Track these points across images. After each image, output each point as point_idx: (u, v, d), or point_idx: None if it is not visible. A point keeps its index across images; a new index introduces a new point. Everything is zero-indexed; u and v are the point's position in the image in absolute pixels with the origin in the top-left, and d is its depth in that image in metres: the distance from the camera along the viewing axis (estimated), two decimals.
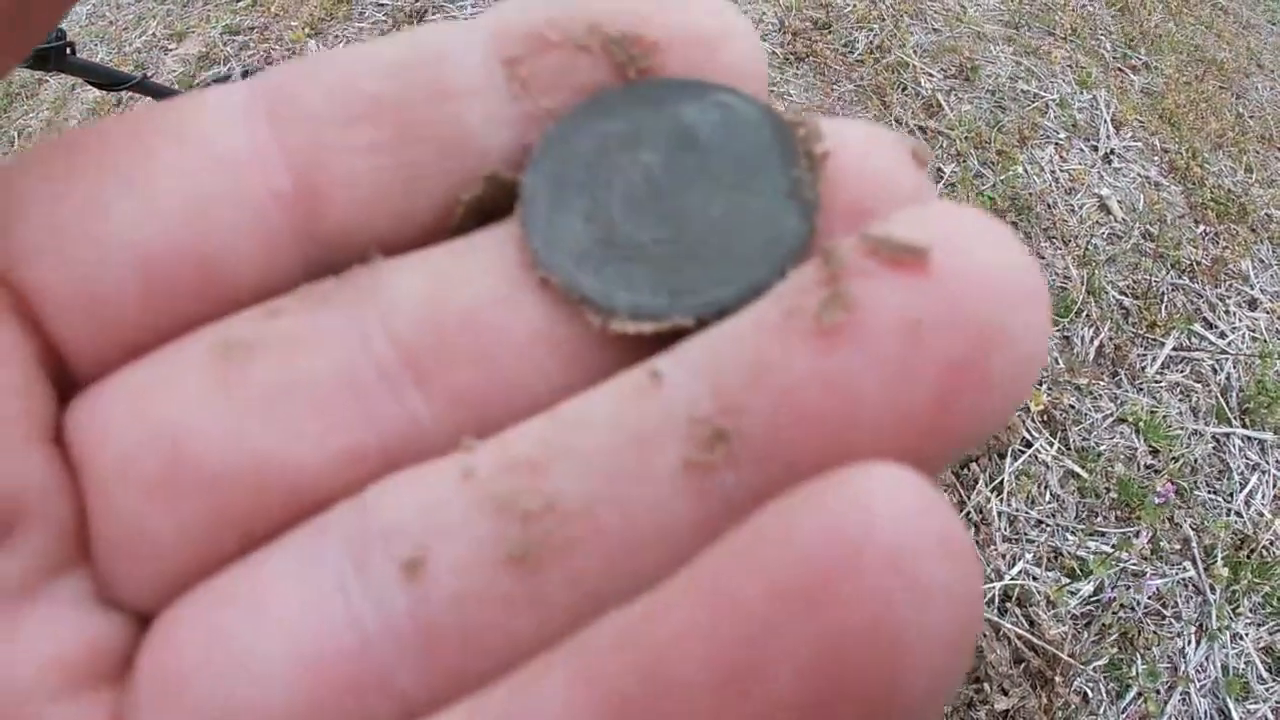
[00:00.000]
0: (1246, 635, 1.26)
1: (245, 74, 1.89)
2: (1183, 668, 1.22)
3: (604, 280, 0.14)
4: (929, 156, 0.14)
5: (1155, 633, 1.24)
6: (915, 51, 1.96)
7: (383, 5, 2.05)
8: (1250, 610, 1.29)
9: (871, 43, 1.97)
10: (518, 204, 0.15)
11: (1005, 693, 1.11)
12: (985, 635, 1.15)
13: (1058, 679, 1.14)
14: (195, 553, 0.13)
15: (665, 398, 0.12)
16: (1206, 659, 1.24)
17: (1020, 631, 1.17)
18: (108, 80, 1.38)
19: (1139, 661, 1.21)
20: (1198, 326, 1.58)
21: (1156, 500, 1.34)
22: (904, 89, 1.87)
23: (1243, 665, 1.24)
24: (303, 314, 0.14)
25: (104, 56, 2.02)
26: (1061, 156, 1.80)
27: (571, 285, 0.14)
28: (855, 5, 2.06)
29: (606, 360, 0.14)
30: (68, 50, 1.21)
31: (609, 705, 0.10)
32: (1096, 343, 1.53)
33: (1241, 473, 1.42)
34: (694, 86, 0.15)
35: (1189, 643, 1.25)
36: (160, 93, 1.50)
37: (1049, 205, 1.69)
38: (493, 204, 0.15)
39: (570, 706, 0.10)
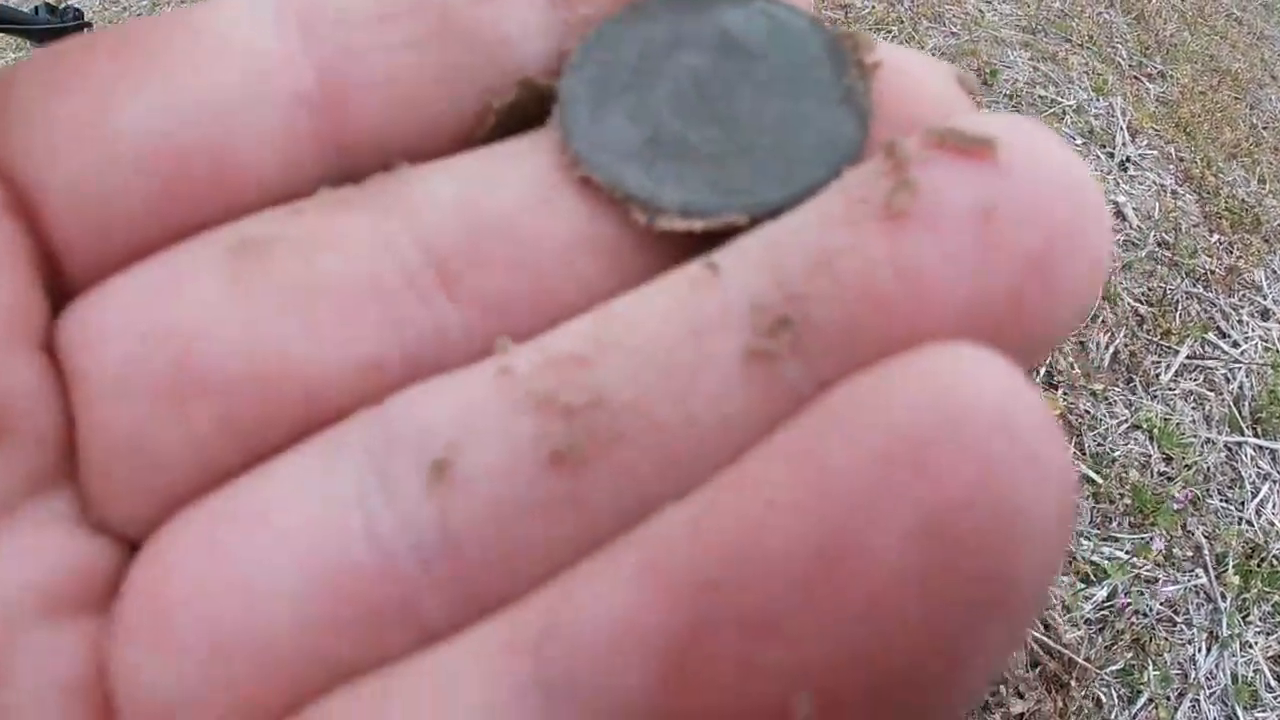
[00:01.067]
0: (1256, 643, 1.27)
1: None
2: (1193, 675, 1.22)
3: (652, 177, 0.13)
4: (975, 85, 0.14)
5: (1167, 639, 1.25)
6: (933, 55, 1.96)
7: None
8: (1260, 619, 1.29)
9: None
10: (556, 106, 0.14)
11: (1021, 696, 1.11)
12: None
13: (1073, 683, 1.15)
14: (199, 467, 0.12)
15: (724, 287, 0.11)
16: (1216, 666, 1.24)
17: (1037, 635, 1.17)
18: None
19: (1151, 667, 1.21)
20: (1211, 335, 1.58)
21: (1175, 506, 1.34)
22: None
23: (1252, 673, 1.24)
24: (324, 215, 0.13)
25: None
26: None
27: (617, 183, 0.13)
28: (874, 7, 2.06)
29: (651, 263, 0.13)
30: (85, 31, 1.21)
31: (687, 594, 0.09)
32: (1111, 349, 1.53)
33: (1253, 482, 1.42)
34: None
35: (1200, 650, 1.25)
36: None
37: None
38: (525, 112, 0.15)
39: (638, 600, 0.09)
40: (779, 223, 0.12)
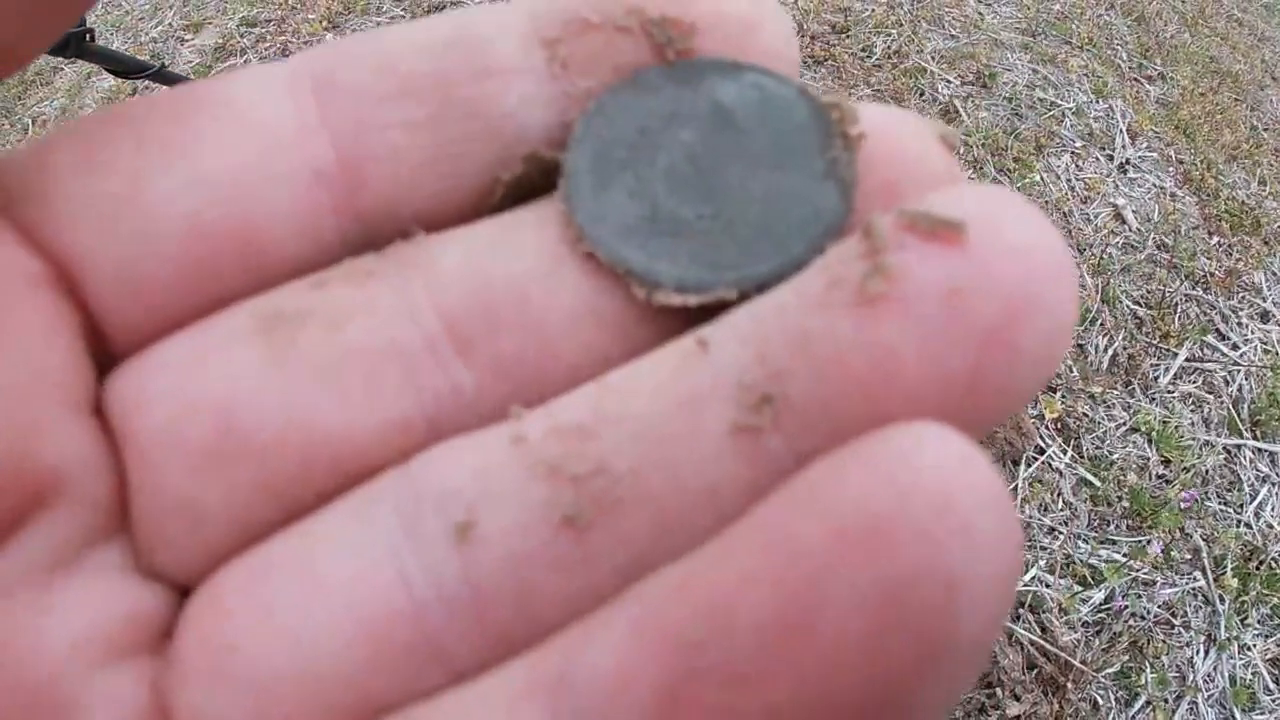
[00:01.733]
0: (1254, 646, 1.27)
1: None
2: (1191, 677, 1.22)
3: (649, 254, 0.14)
4: (956, 141, 0.15)
5: (1165, 642, 1.25)
6: (933, 57, 1.96)
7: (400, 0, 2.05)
8: (1258, 621, 1.29)
9: (889, 48, 1.97)
10: (561, 180, 0.15)
11: (1017, 698, 1.11)
12: (998, 641, 1.15)
13: (1069, 686, 1.15)
14: (241, 522, 0.13)
15: (713, 364, 0.12)
16: (1214, 669, 1.24)
17: (1033, 638, 1.17)
18: (125, 68, 1.39)
19: (1148, 670, 1.21)
20: (1210, 338, 1.58)
21: (1182, 505, 1.34)
22: (921, 95, 1.88)
23: (1250, 676, 1.24)
24: (348, 286, 0.14)
25: (119, 46, 2.02)
26: (1077, 165, 1.80)
27: (617, 259, 0.14)
28: (873, 10, 2.06)
29: (649, 333, 0.14)
30: (87, 37, 1.22)
31: (672, 650, 0.10)
32: (1110, 351, 1.53)
33: (1252, 484, 1.42)
34: (730, 67, 0.15)
35: (1198, 652, 1.25)
36: (177, 82, 1.51)
37: (1065, 214, 1.70)
38: (531, 183, 0.15)
39: (632, 654, 0.11)
40: (765, 299, 0.13)
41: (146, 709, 0.13)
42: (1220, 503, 1.39)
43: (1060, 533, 1.31)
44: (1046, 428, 1.40)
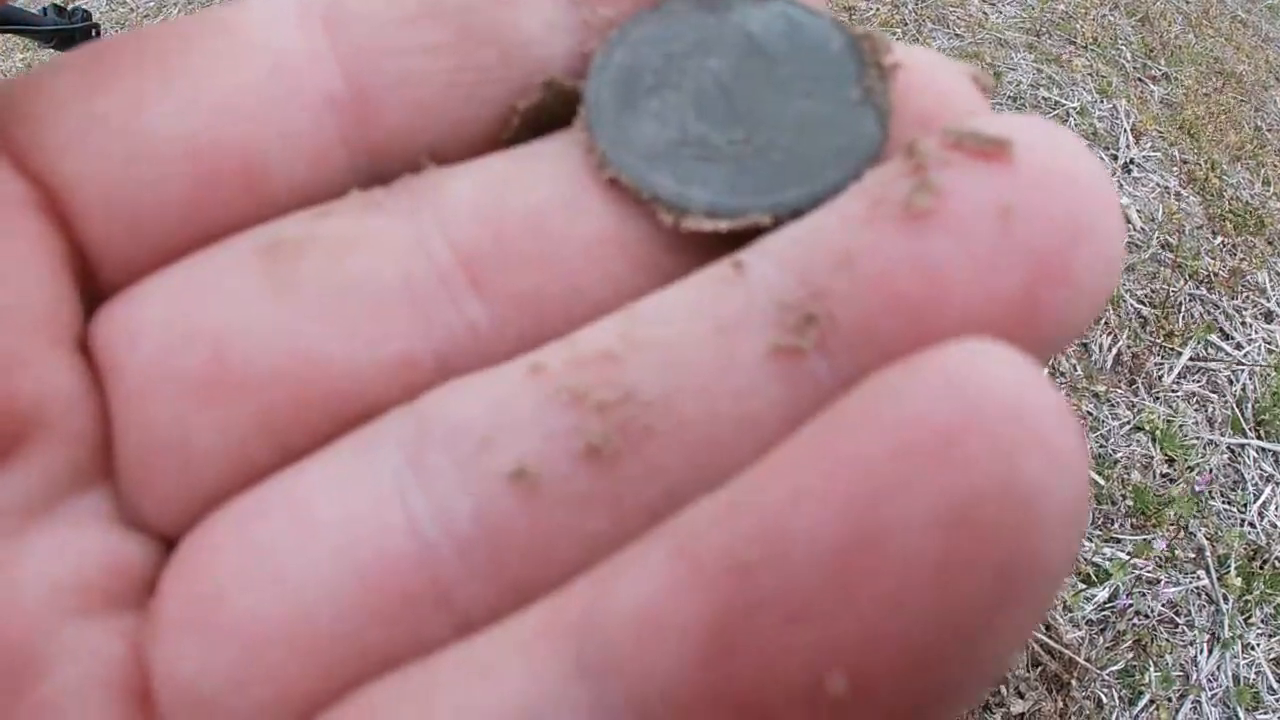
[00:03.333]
0: (1258, 645, 1.26)
1: None
2: (1194, 676, 1.22)
3: (678, 178, 0.14)
4: (990, 85, 0.14)
5: (1168, 640, 1.25)
6: None
7: None
8: (1262, 621, 1.29)
9: None
10: (581, 108, 0.15)
11: (1021, 696, 1.11)
12: None
13: (1073, 683, 1.15)
14: (233, 463, 0.12)
15: (750, 286, 0.12)
16: (1218, 668, 1.24)
17: (1038, 635, 1.17)
18: None
19: (1152, 668, 1.21)
20: (1214, 337, 1.58)
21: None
22: None
23: (1253, 675, 1.24)
24: (355, 216, 0.13)
25: None
26: None
27: (644, 183, 0.14)
28: (878, 10, 2.06)
29: (677, 263, 0.13)
30: (93, 33, 1.22)
31: (721, 580, 0.09)
32: (1114, 351, 1.53)
33: (1255, 484, 1.42)
34: None
35: (1201, 651, 1.25)
36: None
37: None
38: (549, 113, 0.15)
39: (673, 586, 0.10)
40: (802, 222, 0.12)
41: (123, 665, 0.12)
42: (1224, 502, 1.39)
43: None
44: None
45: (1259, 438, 1.47)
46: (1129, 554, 1.30)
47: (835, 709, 0.09)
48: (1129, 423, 1.45)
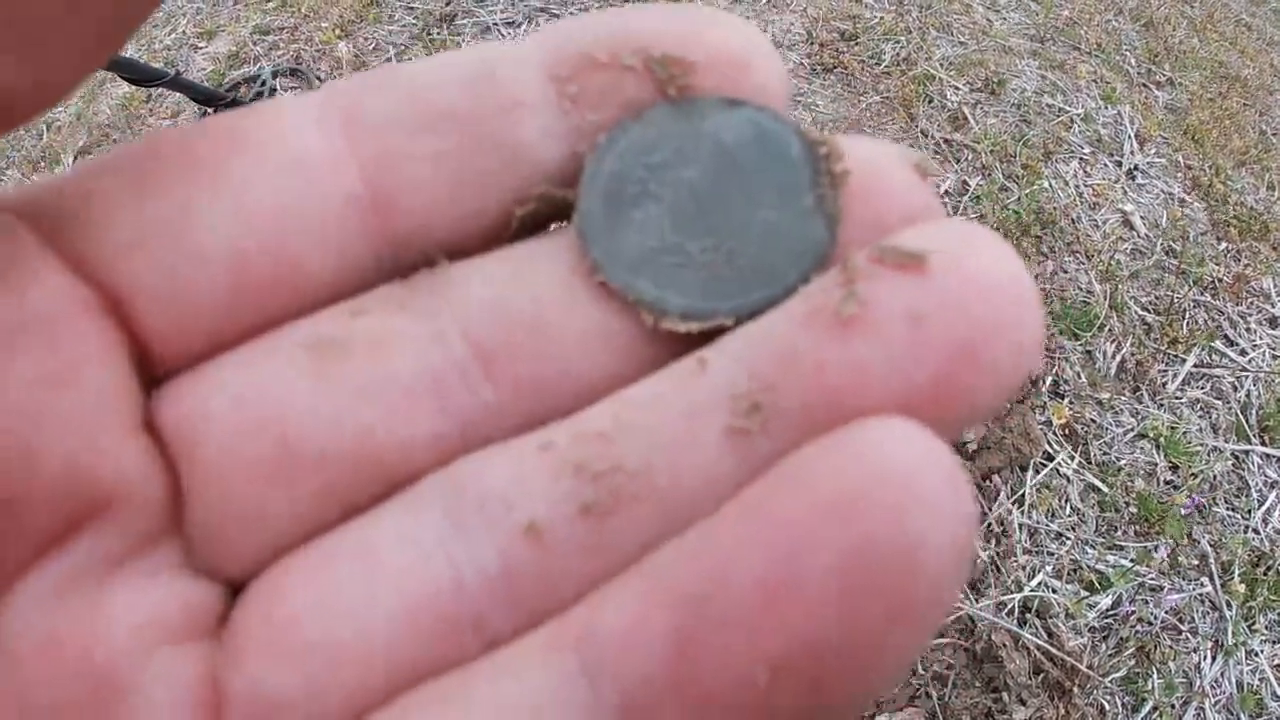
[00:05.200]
0: (1262, 652, 1.27)
1: (275, 74, 1.91)
2: (1198, 683, 1.23)
3: (657, 284, 0.16)
4: (931, 168, 0.16)
5: (1172, 647, 1.25)
6: (941, 64, 1.97)
7: (412, 9, 2.07)
8: (1266, 627, 1.29)
9: (898, 55, 1.98)
10: (575, 215, 0.16)
11: (1024, 703, 1.12)
12: (1004, 645, 1.16)
13: (1076, 691, 1.15)
14: (296, 524, 0.15)
15: (710, 379, 0.14)
16: (1222, 675, 1.24)
17: (1039, 642, 1.18)
18: (140, 76, 1.40)
19: (1155, 675, 1.21)
20: (1219, 344, 1.58)
21: (1183, 512, 1.34)
22: (930, 101, 1.88)
23: (1257, 682, 1.24)
24: (384, 314, 0.16)
25: (133, 53, 2.03)
26: (1086, 171, 1.80)
27: (628, 289, 0.16)
28: (882, 17, 2.07)
29: (655, 354, 0.16)
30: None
31: (680, 606, 0.12)
32: (1118, 358, 1.53)
33: (1260, 490, 1.42)
34: (728, 104, 0.17)
35: (1205, 658, 1.25)
36: (193, 89, 1.52)
37: (1073, 220, 1.70)
38: (545, 216, 0.17)
39: (645, 608, 0.13)
40: (755, 324, 0.15)
41: (202, 687, 0.14)
42: (1228, 509, 1.39)
43: (1068, 538, 1.32)
44: (1055, 434, 1.41)
45: (1263, 444, 1.47)
46: (1132, 561, 1.30)
47: (761, 695, 0.12)
48: (1133, 430, 1.45)
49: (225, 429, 0.15)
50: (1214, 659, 1.25)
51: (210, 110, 1.64)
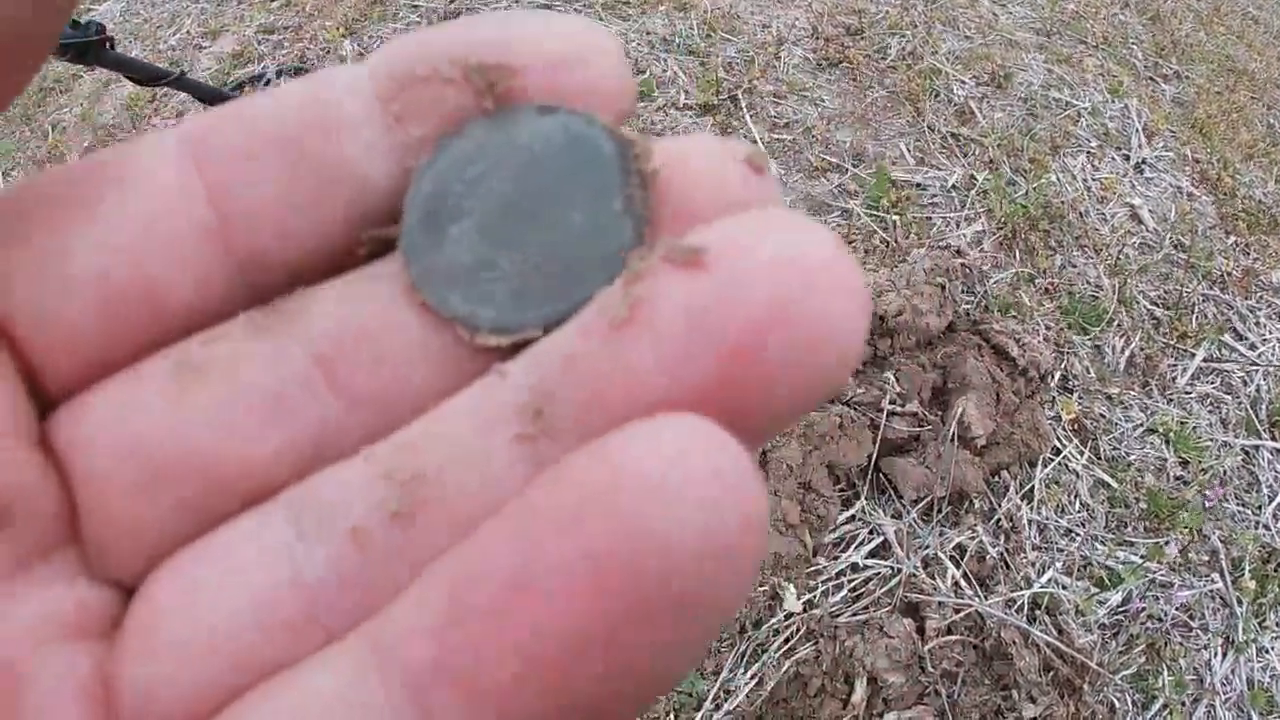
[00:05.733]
0: (1273, 649, 1.26)
1: (280, 74, 1.91)
2: (1209, 680, 1.23)
3: (469, 301, 0.16)
4: (764, 161, 0.16)
5: (1182, 644, 1.25)
6: (947, 58, 1.96)
7: (417, 6, 2.07)
8: (1276, 624, 1.29)
9: (904, 49, 1.97)
10: (399, 236, 0.17)
11: (1033, 700, 1.11)
12: (1014, 642, 1.15)
13: (1086, 688, 1.15)
14: (170, 533, 0.16)
15: (507, 388, 0.15)
16: (1232, 672, 1.24)
17: (1049, 639, 1.17)
18: (145, 75, 1.40)
19: (1165, 673, 1.21)
20: (1228, 338, 1.58)
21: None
22: (936, 95, 1.88)
23: (1268, 679, 1.24)
24: (242, 338, 0.17)
25: (138, 53, 2.04)
26: (1093, 165, 1.80)
27: (444, 306, 0.16)
28: (888, 12, 2.06)
29: (477, 368, 0.16)
30: (107, 44, 1.23)
31: (449, 597, 0.13)
32: (1127, 352, 1.53)
33: (1270, 485, 1.42)
34: (541, 111, 0.17)
35: (1215, 655, 1.25)
36: (198, 89, 1.52)
37: (1081, 214, 1.70)
38: (387, 244, 0.17)
39: (423, 601, 0.14)
40: (555, 333, 0.15)
41: (93, 682, 0.15)
42: (1238, 504, 1.39)
43: (1077, 534, 1.32)
44: (1063, 429, 1.40)
45: (1274, 439, 1.47)
46: (1142, 557, 1.30)
47: (517, 683, 0.12)
48: (1142, 425, 1.45)
49: (104, 451, 0.16)
50: (1224, 656, 1.25)
51: None
